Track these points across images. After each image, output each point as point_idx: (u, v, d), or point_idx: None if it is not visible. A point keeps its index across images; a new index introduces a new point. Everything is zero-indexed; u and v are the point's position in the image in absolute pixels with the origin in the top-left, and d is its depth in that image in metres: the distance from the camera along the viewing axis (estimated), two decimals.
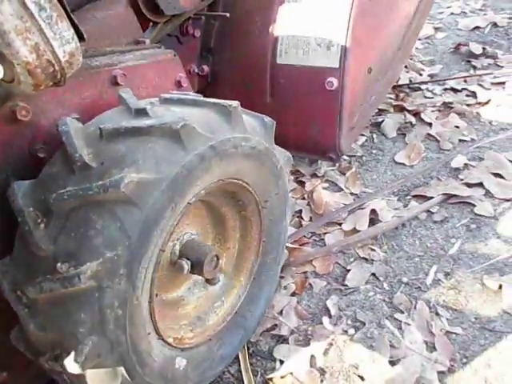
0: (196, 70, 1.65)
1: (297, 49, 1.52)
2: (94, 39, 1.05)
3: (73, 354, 0.83)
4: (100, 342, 0.84)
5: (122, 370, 0.91)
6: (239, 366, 1.26)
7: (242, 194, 1.16)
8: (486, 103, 2.22)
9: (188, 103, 0.99)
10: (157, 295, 1.12)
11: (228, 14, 1.60)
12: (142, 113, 0.91)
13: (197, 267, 1.11)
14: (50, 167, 0.90)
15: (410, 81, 2.48)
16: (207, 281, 1.22)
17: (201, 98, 1.02)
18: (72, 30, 0.76)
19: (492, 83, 2.38)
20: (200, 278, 1.22)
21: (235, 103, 0.99)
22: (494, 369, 1.17)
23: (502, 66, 2.52)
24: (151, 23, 1.37)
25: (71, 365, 0.83)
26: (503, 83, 2.35)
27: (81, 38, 0.81)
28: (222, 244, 1.28)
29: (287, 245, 1.47)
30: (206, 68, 1.65)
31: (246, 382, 1.22)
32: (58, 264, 0.79)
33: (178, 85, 1.29)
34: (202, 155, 0.91)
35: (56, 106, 0.99)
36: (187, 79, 1.32)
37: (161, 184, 0.84)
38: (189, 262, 1.10)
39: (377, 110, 2.14)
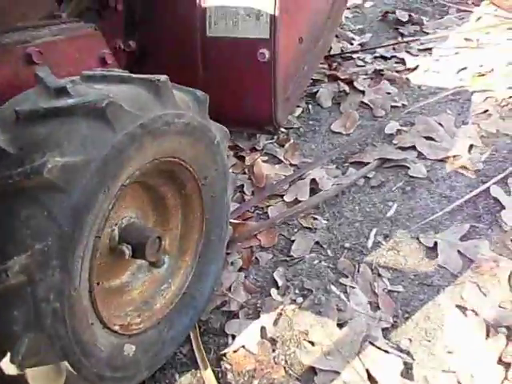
0: (122, 46, 1.56)
1: (226, 20, 1.47)
2: (1, 13, 0.96)
3: (8, 354, 0.78)
4: (38, 338, 0.80)
5: (65, 364, 0.87)
6: (191, 345, 1.25)
7: (179, 172, 1.13)
8: (415, 69, 2.29)
9: (113, 80, 0.94)
10: (98, 283, 1.08)
11: None
12: (62, 92, 0.85)
13: (139, 251, 1.07)
14: None
15: (342, 50, 2.51)
16: (152, 264, 1.19)
17: (127, 73, 0.97)
18: None
19: (419, 49, 2.46)
20: (144, 262, 1.19)
21: (164, 77, 0.95)
22: (433, 320, 1.23)
23: (428, 33, 2.61)
24: None
25: (8, 366, 0.78)
26: (430, 49, 2.44)
27: None
28: (165, 225, 1.24)
29: (231, 220, 1.46)
30: (132, 43, 1.57)
31: (198, 360, 1.21)
32: None
33: (103, 62, 1.22)
34: (132, 134, 0.87)
35: None
36: (112, 56, 1.25)
37: (89, 167, 0.79)
38: (130, 247, 1.06)
39: (311, 81, 2.15)
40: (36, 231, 0.75)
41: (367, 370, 1.12)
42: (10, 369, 0.78)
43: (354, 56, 2.44)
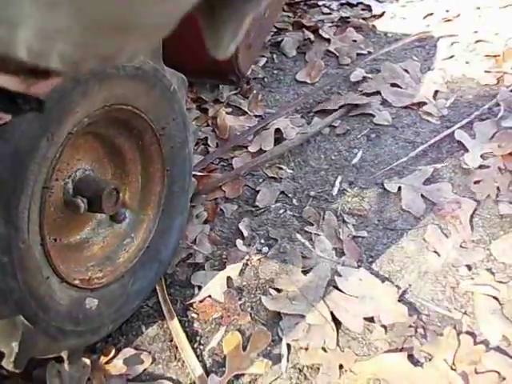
0: None
1: None
2: None
3: None
4: None
5: (21, 318, 0.85)
6: (158, 297, 1.24)
7: (135, 121, 1.08)
8: (381, 16, 2.24)
9: None
10: (56, 240, 1.05)
11: None
12: None
13: (95, 204, 1.03)
14: None
15: None
16: (112, 218, 1.16)
17: None
18: None
19: None
20: (104, 217, 1.15)
21: None
22: (396, 263, 1.25)
23: None
24: None
25: None
26: None
27: None
28: (124, 178, 1.20)
29: (195, 173, 1.43)
30: None
31: (165, 311, 1.21)
32: None
33: None
34: (75, 78, 0.81)
35: None
36: None
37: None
38: (85, 200, 1.03)
39: (275, 30, 2.08)
40: None
41: (331, 313, 1.14)
42: None
43: (320, 3, 2.36)
